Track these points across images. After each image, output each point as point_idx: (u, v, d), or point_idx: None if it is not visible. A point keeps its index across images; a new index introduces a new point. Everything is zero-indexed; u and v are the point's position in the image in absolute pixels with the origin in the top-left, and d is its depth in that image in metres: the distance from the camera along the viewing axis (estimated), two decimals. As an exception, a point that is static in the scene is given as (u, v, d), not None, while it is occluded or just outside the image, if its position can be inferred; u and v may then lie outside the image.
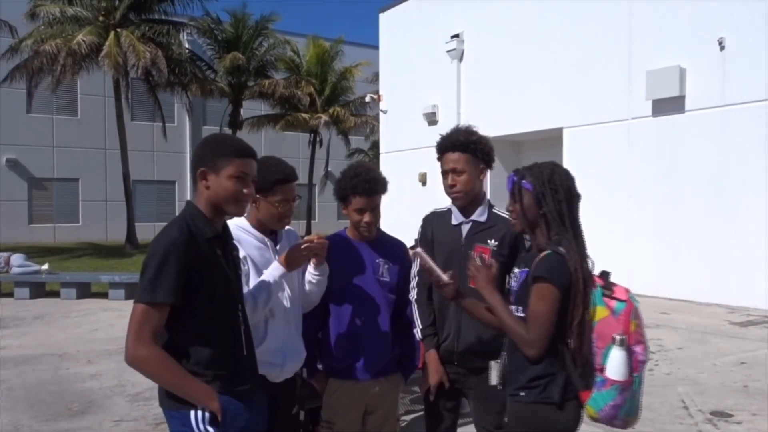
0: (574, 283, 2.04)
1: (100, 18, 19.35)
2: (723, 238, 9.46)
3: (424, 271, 2.46)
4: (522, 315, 2.14)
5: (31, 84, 19.30)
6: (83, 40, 18.07)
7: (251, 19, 23.53)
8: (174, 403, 1.90)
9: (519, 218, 2.22)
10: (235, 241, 2.46)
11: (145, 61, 18.04)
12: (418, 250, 2.43)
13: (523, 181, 2.20)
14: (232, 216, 2.10)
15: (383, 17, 16.63)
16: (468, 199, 2.68)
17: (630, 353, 2.03)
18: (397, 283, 2.78)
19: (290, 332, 2.56)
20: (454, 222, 2.72)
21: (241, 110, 24.08)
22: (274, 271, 2.42)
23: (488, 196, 2.83)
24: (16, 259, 11.02)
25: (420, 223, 2.88)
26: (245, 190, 2.01)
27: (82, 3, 19.31)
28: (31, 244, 21.55)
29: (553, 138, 11.99)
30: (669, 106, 10.16)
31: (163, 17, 20.61)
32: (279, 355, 2.50)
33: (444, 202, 2.83)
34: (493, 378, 2.35)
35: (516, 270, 2.26)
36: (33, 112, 24.00)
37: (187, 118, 26.16)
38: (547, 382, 2.08)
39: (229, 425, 1.91)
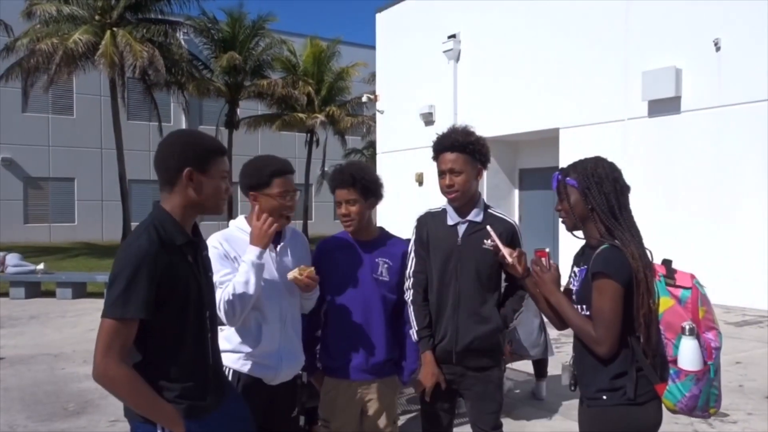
0: (635, 272, 2.00)
1: (97, 17, 19.31)
2: (719, 238, 9.49)
3: (491, 249, 2.49)
4: (587, 314, 2.11)
5: (26, 83, 19.25)
6: (79, 39, 18.04)
7: (248, 18, 23.53)
8: (140, 416, 1.84)
9: (568, 216, 2.19)
10: (224, 241, 2.45)
11: (142, 61, 18.01)
12: (488, 228, 2.44)
13: (568, 178, 2.18)
14: (211, 215, 2.01)
15: (380, 17, 16.63)
16: (465, 199, 2.67)
17: (701, 341, 1.99)
18: (397, 282, 2.78)
19: (287, 335, 2.54)
20: (450, 222, 2.71)
21: (238, 110, 24.07)
22: (249, 254, 2.36)
23: (485, 196, 2.84)
24: (11, 258, 10.98)
25: (414, 223, 2.86)
26: (229, 189, 2.00)
27: (78, 2, 19.27)
28: (27, 244, 21.49)
29: (550, 138, 12.01)
30: (665, 106, 10.18)
31: (160, 16, 20.58)
32: (275, 358, 2.49)
33: (441, 202, 2.82)
34: (564, 378, 2.33)
35: (575, 269, 2.23)
36: (29, 111, 23.96)
37: (184, 118, 26.14)
38: (626, 383, 2.04)
39: None
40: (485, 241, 2.61)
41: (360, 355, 2.71)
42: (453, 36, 13.94)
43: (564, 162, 12.07)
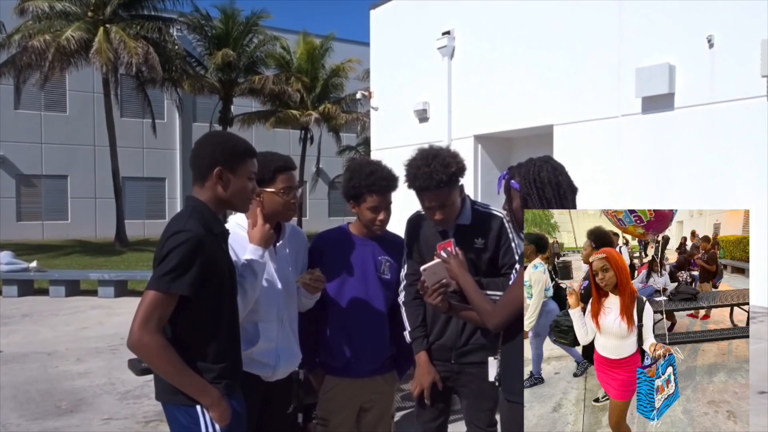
0: None
1: (89, 14, 19.20)
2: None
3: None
4: None
5: (19, 80, 19.14)
6: (72, 36, 17.93)
7: (241, 15, 23.45)
8: (180, 398, 1.92)
9: (510, 219, 2.20)
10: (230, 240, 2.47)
11: (137, 58, 17.92)
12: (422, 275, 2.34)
13: (512, 181, 2.16)
14: (237, 211, 2.17)
15: (374, 14, 16.60)
16: (453, 218, 2.61)
17: None
18: (396, 280, 2.77)
19: (285, 333, 2.53)
20: (440, 228, 2.65)
21: (232, 107, 23.99)
22: (252, 254, 2.36)
23: (479, 194, 2.82)
24: (4, 256, 10.91)
25: (406, 225, 2.82)
26: (256, 188, 2.17)
27: (70, -2, 19.17)
28: (20, 242, 21.36)
29: (544, 135, 12.02)
30: (658, 103, 10.21)
31: (153, 13, 20.48)
32: (273, 356, 2.48)
33: None
34: (491, 374, 2.33)
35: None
36: (21, 108, 23.79)
37: (177, 115, 26.03)
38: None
39: (234, 428, 1.97)
40: (475, 240, 2.59)
41: (363, 353, 2.70)
42: (447, 33, 13.93)
43: (558, 159, 12.06)
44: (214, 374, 1.96)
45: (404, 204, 2.83)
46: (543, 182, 2.08)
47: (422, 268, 2.29)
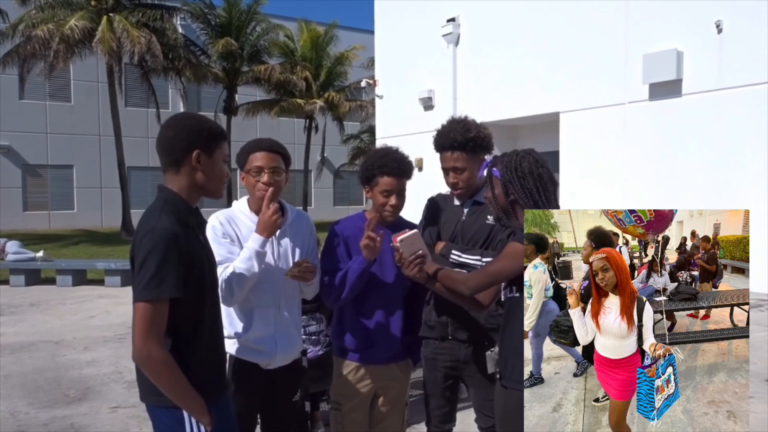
0: None
1: (92, 2, 19.14)
2: (718, 222, 9.47)
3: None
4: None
5: (23, 69, 19.12)
6: (75, 25, 17.89)
7: (243, 3, 23.30)
8: (165, 399, 1.86)
9: (492, 206, 2.24)
10: (225, 221, 2.48)
11: (140, 47, 17.87)
12: (396, 243, 2.36)
13: (494, 169, 2.22)
14: (212, 197, 2.04)
15: (378, 1, 16.48)
16: (471, 191, 2.72)
17: None
18: None
19: (282, 320, 2.54)
20: (456, 202, 2.78)
21: (236, 96, 23.92)
22: (253, 242, 2.39)
23: None
24: (11, 246, 10.99)
25: (424, 204, 2.91)
26: (228, 173, 2.07)
27: (73, -13, 19.11)
28: (26, 232, 21.48)
29: (550, 122, 11.95)
30: (666, 89, 10.12)
31: (156, 1, 20.39)
32: (269, 342, 2.50)
33: (441, 186, 2.85)
34: (490, 366, 2.34)
35: None
36: (25, 98, 23.79)
37: (182, 104, 25.96)
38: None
39: None
40: (488, 217, 2.64)
41: (378, 339, 2.72)
42: (452, 20, 13.82)
43: (564, 147, 12.01)
44: (202, 376, 1.88)
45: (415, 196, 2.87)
46: (524, 172, 2.13)
47: (399, 239, 2.29)
